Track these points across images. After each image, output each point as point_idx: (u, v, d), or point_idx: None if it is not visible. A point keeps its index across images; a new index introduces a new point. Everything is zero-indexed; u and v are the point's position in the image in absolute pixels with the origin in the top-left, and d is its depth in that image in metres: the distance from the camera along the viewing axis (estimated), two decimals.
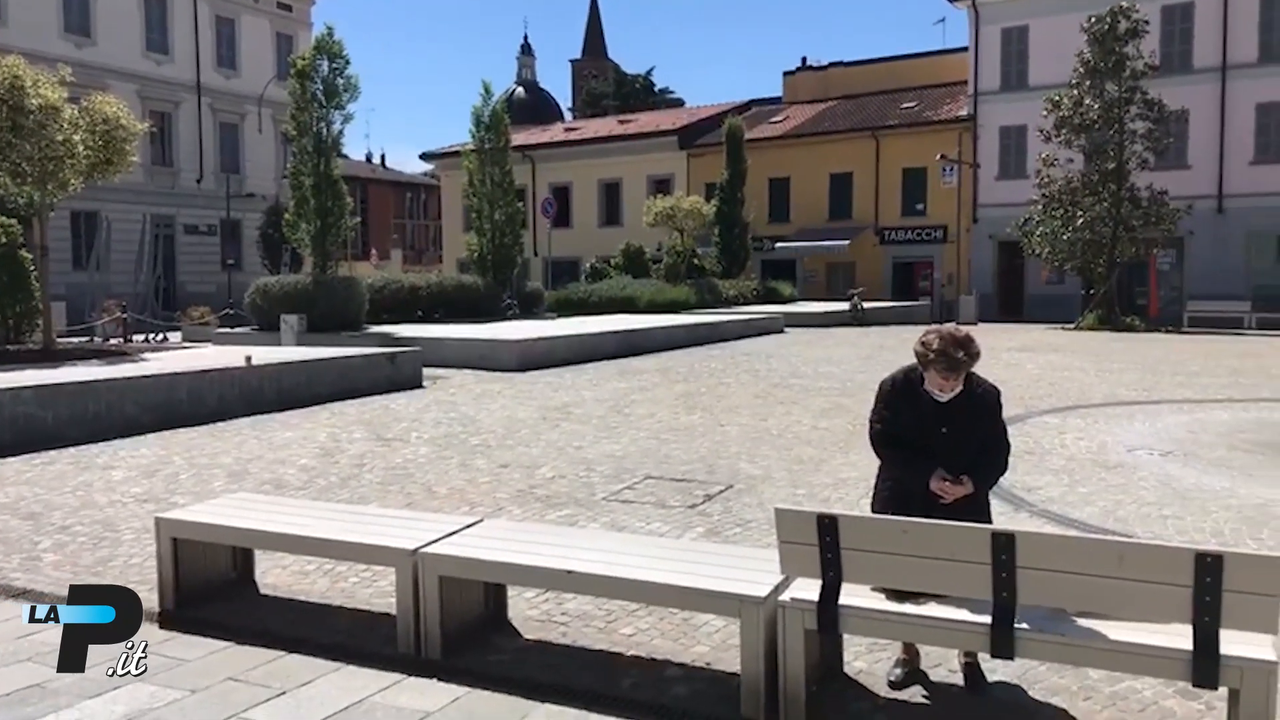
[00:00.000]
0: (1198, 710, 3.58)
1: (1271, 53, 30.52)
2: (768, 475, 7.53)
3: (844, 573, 3.53)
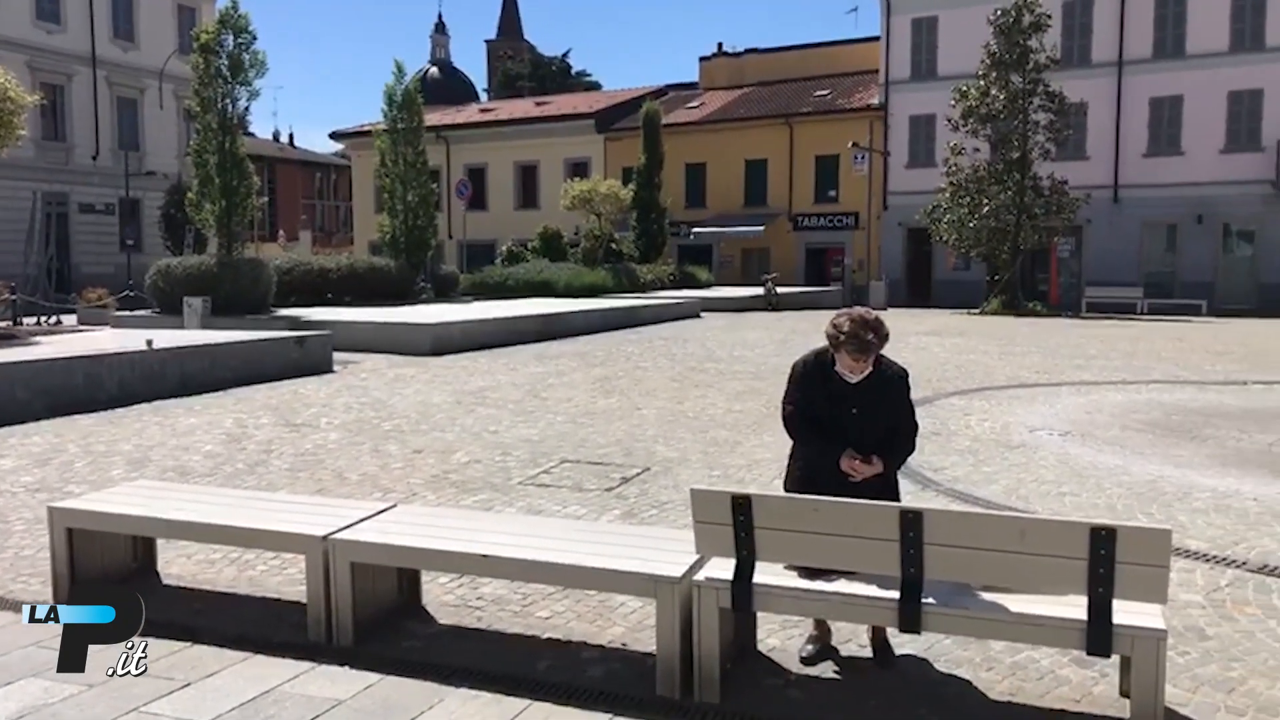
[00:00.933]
0: (1091, 678, 3.73)
1: (1165, 49, 31.82)
2: (684, 457, 7.59)
3: (757, 551, 3.57)
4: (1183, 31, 31.54)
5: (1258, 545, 5.32)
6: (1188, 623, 4.24)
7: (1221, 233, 31.81)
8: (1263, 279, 31.01)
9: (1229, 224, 31.68)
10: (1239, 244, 31.95)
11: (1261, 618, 4.30)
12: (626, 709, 3.54)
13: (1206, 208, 31.31)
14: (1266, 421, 9.24)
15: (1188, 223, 31.80)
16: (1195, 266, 31.75)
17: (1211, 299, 29.78)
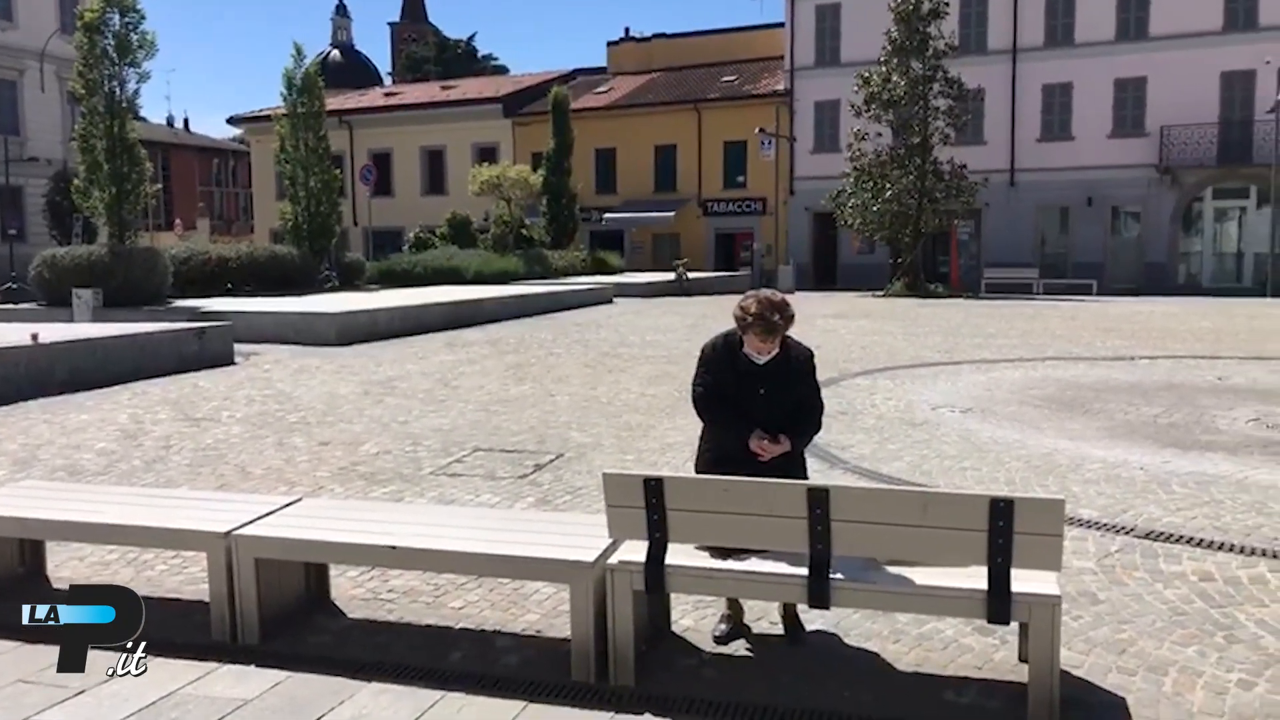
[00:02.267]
0: (993, 645, 3.87)
1: (1055, 37, 32.95)
2: (597, 443, 7.59)
3: (670, 533, 3.59)
4: (1072, 21, 32.71)
5: (1145, 512, 5.58)
6: (1081, 588, 4.42)
7: (1110, 215, 33.18)
8: (1148, 259, 32.49)
9: (1117, 206, 33.06)
10: (1126, 225, 33.38)
11: (1149, 581, 4.51)
12: (541, 695, 3.53)
13: (1096, 191, 32.61)
14: (1152, 394, 9.70)
15: (1079, 205, 33.08)
16: (1086, 247, 33.07)
17: (1101, 279, 31.07)
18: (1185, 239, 32.89)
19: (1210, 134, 31.05)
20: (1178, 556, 4.81)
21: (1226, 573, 4.59)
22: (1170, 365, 11.93)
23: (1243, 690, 3.47)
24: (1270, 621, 4.04)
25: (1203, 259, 32.78)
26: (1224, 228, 32.83)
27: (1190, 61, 30.80)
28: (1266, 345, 13.99)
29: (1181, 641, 3.87)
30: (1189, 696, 3.44)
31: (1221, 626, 4.00)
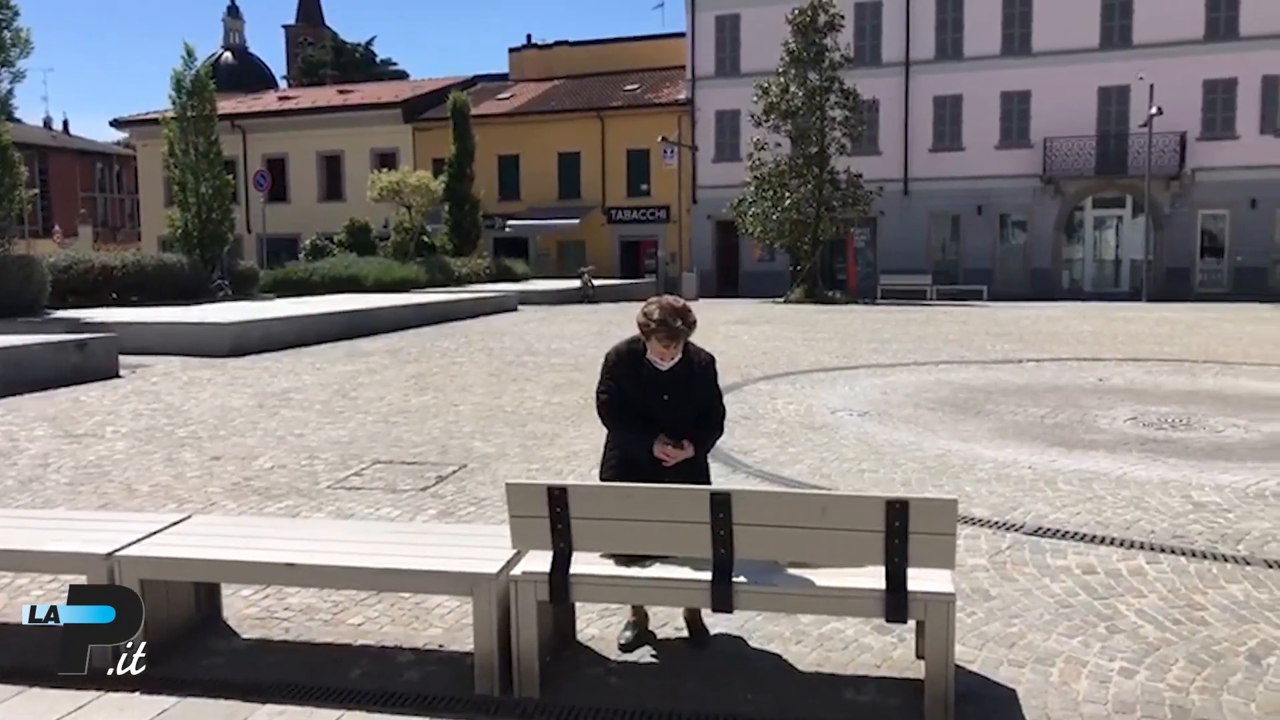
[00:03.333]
0: (891, 643, 3.96)
1: (946, 51, 34.11)
2: (501, 452, 7.51)
3: (574, 542, 3.57)
4: (961, 36, 33.93)
5: (1033, 510, 5.80)
6: (974, 585, 4.56)
7: (998, 223, 34.48)
8: (1034, 265, 33.87)
9: (1005, 215, 34.37)
10: (1014, 233, 34.73)
11: (1037, 576, 4.68)
12: (443, 710, 3.47)
13: (985, 199, 33.85)
14: (1039, 395, 10.10)
15: (969, 214, 34.29)
16: (977, 254, 34.28)
17: (991, 284, 32.28)
18: (1068, 246, 34.39)
19: (1089, 146, 32.59)
20: (1063, 551, 5.01)
21: (1108, 565, 4.80)
22: (1055, 368, 12.45)
23: (1124, 679, 3.63)
24: (1149, 611, 4.23)
25: (1084, 265, 34.34)
26: (1103, 235, 34.45)
27: (1070, 76, 32.28)
28: (1141, 348, 14.73)
29: (1067, 633, 4.03)
30: (1074, 686, 3.58)
31: (1104, 617, 4.18)
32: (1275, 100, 31.10)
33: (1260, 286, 30.93)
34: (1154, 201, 31.43)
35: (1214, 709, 3.39)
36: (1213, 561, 4.84)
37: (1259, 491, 6.14)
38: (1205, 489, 6.20)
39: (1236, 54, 30.93)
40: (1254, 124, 31.29)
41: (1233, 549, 5.04)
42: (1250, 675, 3.62)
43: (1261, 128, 31.22)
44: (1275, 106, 31.14)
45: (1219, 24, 31.31)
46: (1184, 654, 3.81)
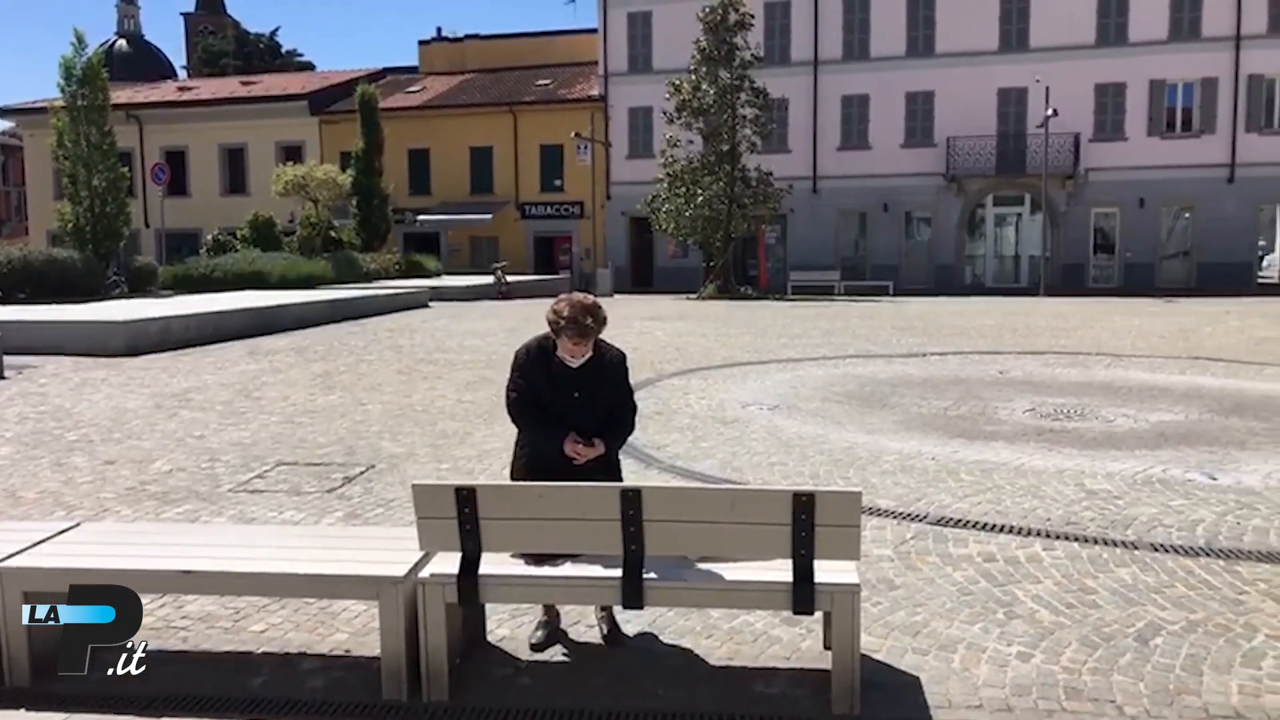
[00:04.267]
0: (800, 634, 4.02)
1: (853, 51, 34.79)
2: (411, 452, 7.39)
3: (484, 543, 3.53)
4: (867, 36, 34.64)
5: (936, 500, 5.95)
6: (880, 575, 4.66)
7: (904, 220, 35.34)
8: (938, 261, 34.83)
9: (910, 212, 35.24)
10: (919, 230, 35.64)
11: (940, 565, 4.81)
12: (350, 716, 3.40)
13: (891, 197, 34.65)
14: (942, 388, 10.38)
15: (876, 211, 35.07)
16: (883, 250, 35.09)
17: (897, 280, 33.06)
18: (970, 243, 35.45)
19: (990, 145, 33.63)
20: (965, 540, 5.16)
21: (1007, 553, 4.96)
22: (958, 361, 12.81)
23: (1021, 662, 3.75)
24: (1044, 596, 4.39)
25: (985, 261, 35.44)
26: (1003, 232, 35.61)
27: (971, 78, 33.26)
28: (1039, 341, 15.26)
29: (968, 620, 4.14)
30: (975, 671, 3.68)
31: (1003, 603, 4.31)
32: (1161, 104, 32.58)
33: (1148, 281, 32.43)
34: (1051, 200, 32.61)
35: (1105, 689, 3.53)
36: (1104, 547, 5.04)
37: (1146, 478, 6.42)
38: (1097, 477, 6.46)
39: (1125, 59, 32.30)
40: (1142, 126, 32.72)
41: (1122, 534, 5.25)
42: (1138, 656, 3.78)
43: (1149, 130, 32.67)
44: (1161, 110, 32.62)
45: (1109, 30, 32.64)
46: (1077, 637, 3.96)
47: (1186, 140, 32.41)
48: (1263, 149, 31.79)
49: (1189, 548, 5.00)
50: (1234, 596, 4.35)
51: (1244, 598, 4.33)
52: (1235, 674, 3.62)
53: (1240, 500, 5.87)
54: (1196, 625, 4.04)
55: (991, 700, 3.47)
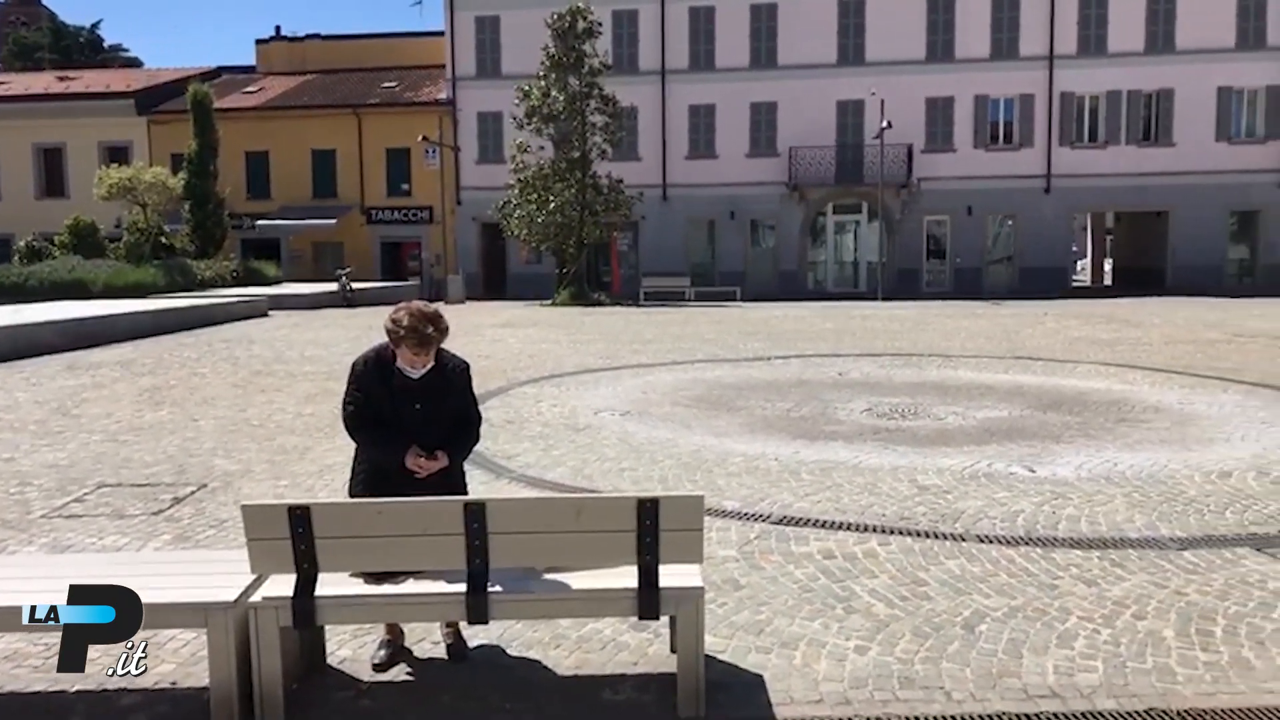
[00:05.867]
0: (648, 639, 4.04)
1: (699, 62, 35.49)
2: (247, 470, 7.06)
3: (320, 563, 3.40)
4: (713, 47, 35.41)
5: (779, 500, 6.12)
6: (725, 575, 4.75)
7: (750, 228, 36.28)
8: (782, 267, 35.92)
9: (755, 220, 36.20)
10: (764, 237, 36.66)
11: (783, 563, 4.94)
12: None
13: (737, 205, 35.52)
14: (785, 390, 10.70)
15: (723, 219, 35.87)
16: (730, 257, 35.93)
17: (744, 285, 33.90)
18: (812, 249, 36.73)
19: (829, 156, 34.93)
20: (806, 538, 5.32)
21: (845, 549, 5.14)
22: (800, 364, 13.24)
23: (859, 655, 3.89)
24: (880, 590, 4.57)
25: (827, 267, 36.80)
26: (843, 239, 37.06)
27: (812, 90, 34.49)
28: (876, 343, 15.95)
29: (809, 616, 4.27)
30: (815, 666, 3.80)
31: (841, 599, 4.47)
32: (985, 118, 34.64)
33: (976, 286, 34.42)
34: (886, 208, 34.16)
35: (935, 677, 3.70)
36: (935, 540, 5.29)
37: (973, 473, 6.79)
38: (929, 473, 6.79)
39: (953, 75, 34.18)
40: (969, 138, 34.70)
41: (951, 527, 5.54)
42: (965, 643, 3.98)
43: (975, 142, 34.68)
44: (985, 123, 34.69)
45: (938, 47, 34.49)
46: (910, 628, 4.14)
47: (1008, 152, 34.58)
48: (1074, 161, 34.26)
49: (1010, 538, 5.32)
50: (1050, 582, 4.64)
51: (1058, 583, 4.63)
52: (1051, 655, 3.86)
53: (1055, 491, 6.29)
54: (1017, 611, 4.29)
55: (831, 694, 3.58)
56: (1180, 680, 3.65)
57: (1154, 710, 3.43)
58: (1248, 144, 33.49)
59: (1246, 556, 4.98)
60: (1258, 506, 5.91)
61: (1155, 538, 5.30)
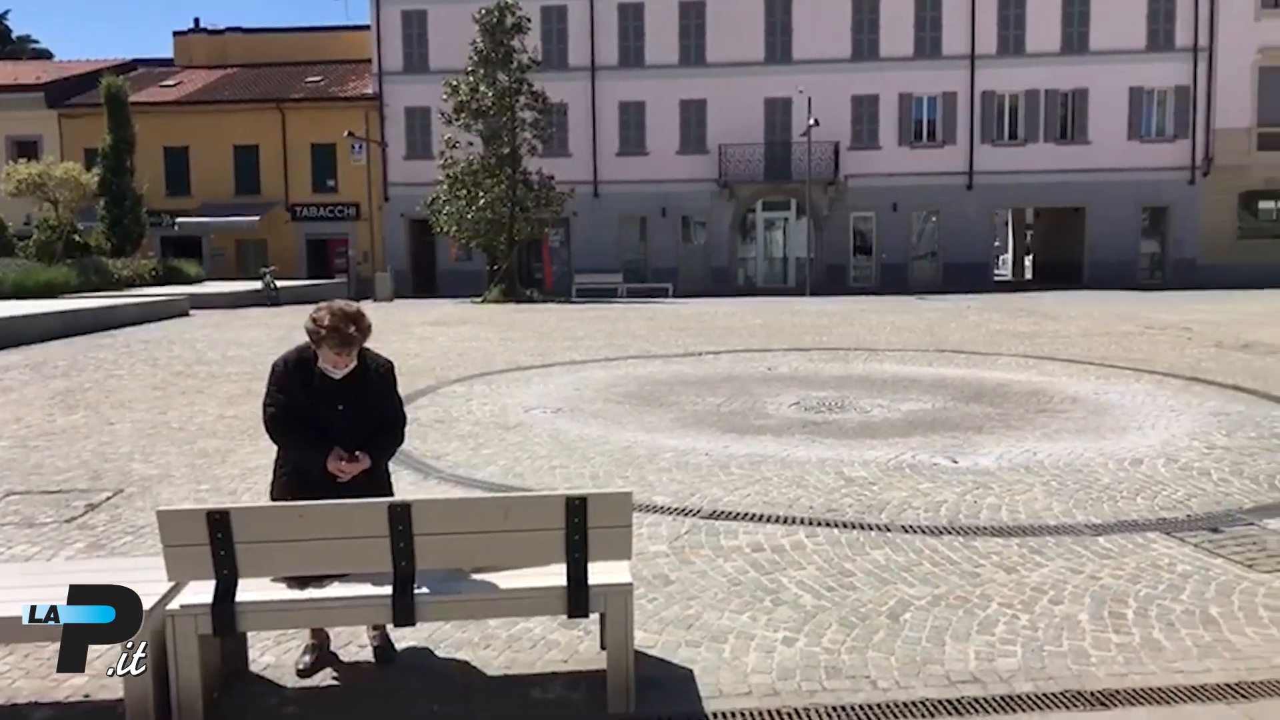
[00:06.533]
0: (578, 637, 4.04)
1: (629, 59, 35.52)
2: (166, 474, 6.87)
3: (240, 569, 3.33)
4: (642, 44, 35.48)
5: (709, 494, 6.16)
6: (655, 571, 4.76)
7: (681, 224, 36.44)
8: (713, 264, 36.17)
9: (687, 216, 36.39)
10: (695, 233, 36.85)
11: (712, 557, 4.98)
12: None
13: (669, 202, 35.66)
14: (716, 386, 10.77)
15: (655, 216, 35.98)
16: (662, 254, 36.05)
17: (676, 282, 34.07)
18: (743, 246, 37.04)
19: (758, 153, 35.26)
20: (735, 532, 5.37)
21: (773, 542, 5.20)
22: (731, 359, 13.34)
23: (786, 647, 3.94)
24: (808, 581, 4.63)
25: (757, 263, 37.15)
26: (772, 236, 37.45)
27: (740, 88, 34.77)
28: (804, 338, 16.16)
29: (738, 609, 4.31)
30: (744, 659, 3.83)
31: (769, 591, 4.52)
32: (910, 116, 35.30)
33: (901, 281, 35.09)
34: (814, 205, 34.60)
35: (861, 666, 3.76)
36: (861, 531, 5.38)
37: (897, 464, 6.92)
38: (855, 465, 6.90)
39: (878, 73, 34.77)
40: (893, 136, 35.33)
41: (877, 518, 5.63)
42: (890, 632, 4.06)
43: (900, 140, 35.32)
44: (910, 121, 35.35)
45: (863, 46, 35.03)
46: (836, 618, 4.20)
47: (932, 150, 35.29)
48: (995, 159, 35.11)
49: (934, 527, 5.44)
50: (971, 570, 4.76)
51: (980, 571, 4.75)
52: (973, 641, 3.96)
53: (977, 480, 6.44)
54: (940, 599, 4.39)
55: (759, 686, 3.62)
56: (1094, 662, 3.76)
57: (1069, 692, 3.54)
58: (1158, 142, 34.72)
59: (1156, 540, 5.17)
60: (1166, 492, 6.14)
61: (1072, 525, 5.47)
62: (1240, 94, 34.07)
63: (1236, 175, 34.35)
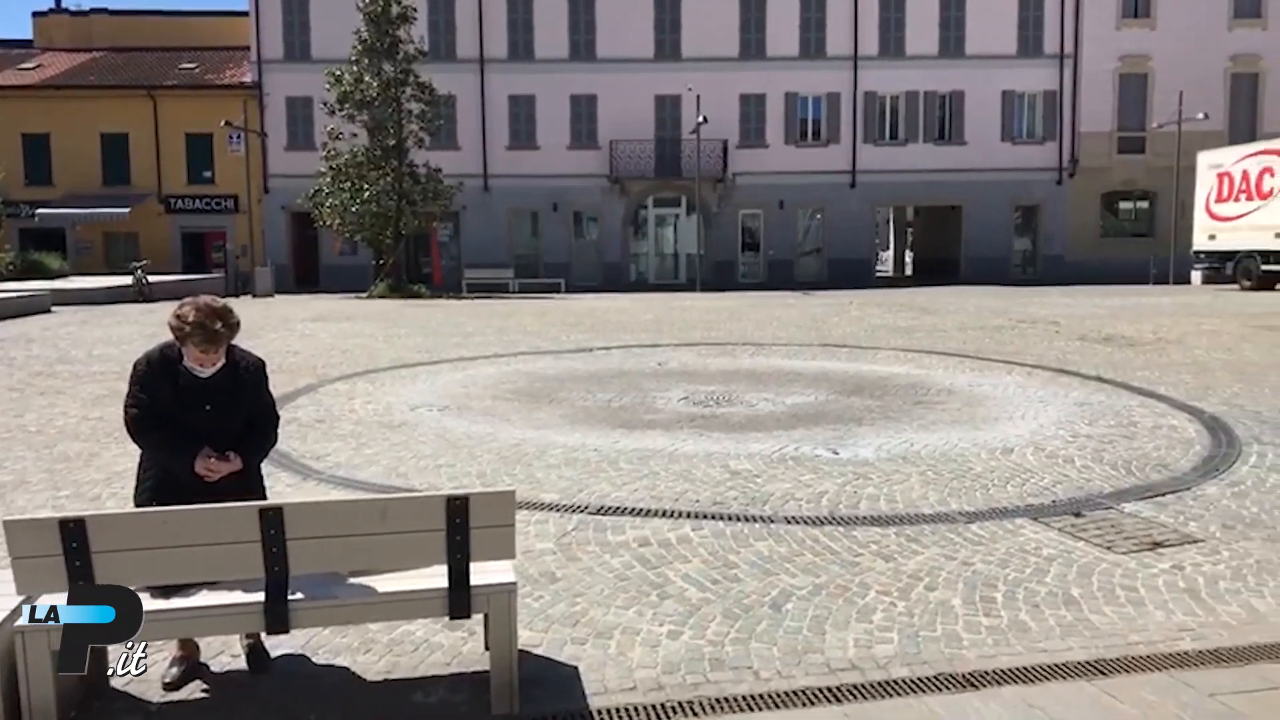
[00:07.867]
0: (462, 638, 3.97)
1: (518, 51, 35.22)
2: (21, 480, 6.48)
3: (98, 579, 3.15)
4: (531, 37, 35.23)
5: (597, 490, 6.16)
6: (542, 568, 4.73)
7: (573, 219, 36.38)
8: (605, 259, 36.23)
9: (579, 212, 36.34)
10: (587, 229, 36.84)
11: (599, 553, 4.97)
12: None
13: (560, 197, 35.54)
14: (606, 381, 10.77)
15: (546, 210, 35.80)
16: (554, 249, 35.92)
17: (569, 277, 34.00)
18: (634, 241, 37.20)
19: (649, 149, 35.46)
20: (622, 527, 5.38)
21: (660, 536, 5.22)
22: (621, 354, 13.37)
23: (671, 640, 3.96)
24: (693, 575, 4.67)
25: (648, 259, 37.37)
26: (663, 232, 37.72)
27: (630, 84, 34.88)
28: (693, 333, 16.32)
29: (624, 605, 4.31)
30: (630, 655, 3.83)
31: (655, 585, 4.53)
32: (795, 115, 36.04)
33: (788, 277, 35.82)
34: (704, 201, 35.00)
35: (744, 657, 3.81)
36: (745, 523, 5.46)
37: (781, 457, 7.05)
38: (740, 458, 7.00)
39: (764, 72, 35.38)
40: (780, 134, 36.01)
41: (761, 510, 5.72)
42: (773, 622, 4.12)
43: (786, 138, 36.02)
44: (795, 120, 36.09)
45: (750, 44, 35.58)
46: (721, 610, 4.25)
47: (816, 149, 36.11)
48: (877, 158, 36.16)
49: (815, 518, 5.55)
50: (851, 559, 4.88)
51: (859, 560, 4.87)
52: (852, 629, 4.06)
53: (857, 471, 6.61)
54: (821, 589, 4.49)
55: (645, 681, 3.62)
56: (966, 645, 3.90)
57: (942, 675, 3.66)
58: (1028, 144, 36.34)
59: (1025, 526, 5.40)
60: (1034, 480, 6.42)
61: (946, 513, 5.66)
62: (1102, 99, 35.96)
63: (1099, 177, 36.27)
